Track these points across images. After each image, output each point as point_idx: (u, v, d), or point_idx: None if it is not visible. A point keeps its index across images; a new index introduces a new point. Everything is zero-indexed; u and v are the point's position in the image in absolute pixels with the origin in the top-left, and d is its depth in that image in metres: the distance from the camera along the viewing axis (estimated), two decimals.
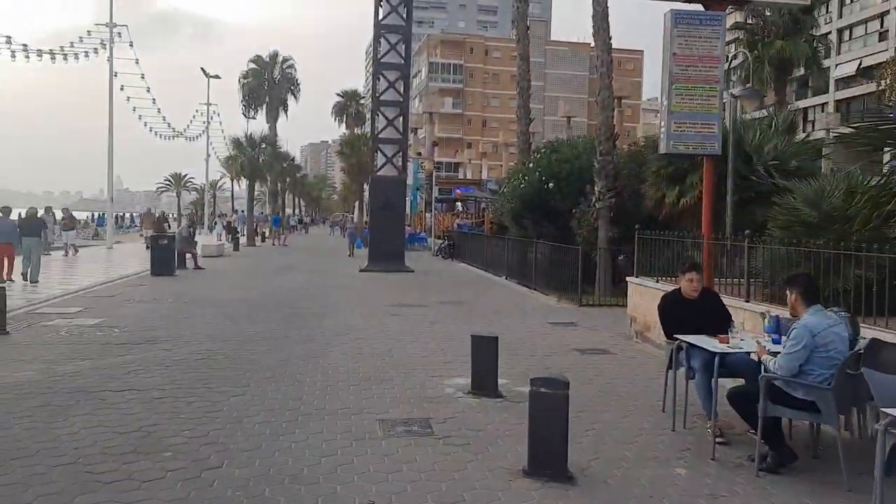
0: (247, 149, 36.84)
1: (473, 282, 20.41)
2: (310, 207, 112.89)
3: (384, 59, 22.61)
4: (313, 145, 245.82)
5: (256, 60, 47.39)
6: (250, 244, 37.62)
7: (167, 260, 19.75)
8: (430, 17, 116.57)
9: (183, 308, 13.27)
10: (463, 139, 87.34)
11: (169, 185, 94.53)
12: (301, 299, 14.96)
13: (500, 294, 17.16)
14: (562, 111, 44.26)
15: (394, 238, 22.67)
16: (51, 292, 15.07)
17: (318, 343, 9.95)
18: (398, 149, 22.94)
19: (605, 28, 18.48)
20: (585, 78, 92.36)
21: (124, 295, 15.02)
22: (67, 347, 9.35)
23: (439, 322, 12.12)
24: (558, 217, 20.25)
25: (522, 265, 19.97)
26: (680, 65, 10.28)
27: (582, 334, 11.22)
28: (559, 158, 21.24)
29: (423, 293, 16.65)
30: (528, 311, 13.84)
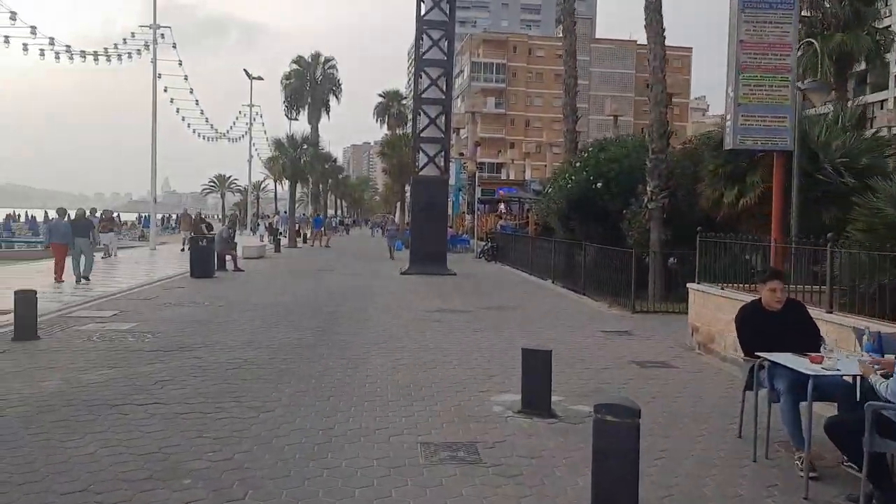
0: (288, 149, 36.68)
1: (518, 286, 19.70)
2: (351, 209, 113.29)
3: (426, 55, 22.03)
4: (355, 147, 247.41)
5: (298, 61, 47.31)
6: (292, 245, 37.45)
7: (206, 262, 19.49)
8: (472, 17, 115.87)
9: (219, 312, 12.86)
10: (505, 139, 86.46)
11: (213, 187, 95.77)
12: (340, 303, 14.46)
13: (547, 299, 16.42)
14: (608, 110, 43.19)
15: (436, 240, 22.08)
16: (88, 295, 14.85)
17: (356, 352, 9.38)
18: (440, 148, 22.34)
19: (657, 19, 17.63)
20: (632, 76, 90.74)
21: (161, 298, 14.71)
22: (97, 354, 8.95)
23: (484, 330, 11.46)
24: (607, 218, 19.49)
25: (570, 268, 19.20)
26: (748, 53, 9.46)
27: (638, 344, 10.44)
28: (608, 157, 20.44)
29: (466, 298, 16.01)
30: (578, 318, 13.09)
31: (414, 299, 15.49)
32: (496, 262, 28.12)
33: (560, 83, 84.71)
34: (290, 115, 47.95)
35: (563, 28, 26.56)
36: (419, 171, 22.35)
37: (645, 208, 17.36)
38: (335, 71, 48.58)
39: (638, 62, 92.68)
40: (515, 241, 26.81)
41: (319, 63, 48.20)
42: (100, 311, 12.61)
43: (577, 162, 22.22)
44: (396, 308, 13.94)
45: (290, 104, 47.55)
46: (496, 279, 21.53)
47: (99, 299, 14.30)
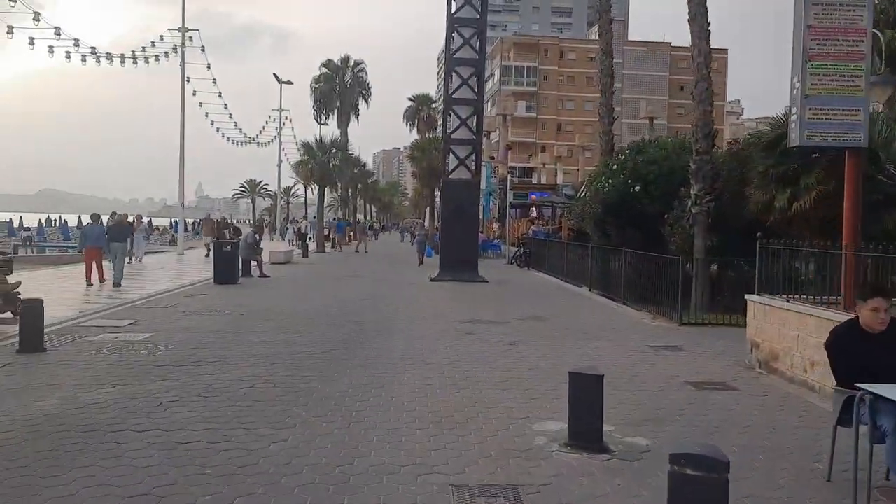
0: (317, 153, 36.15)
1: (553, 294, 18.78)
2: (381, 213, 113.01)
3: (457, 54, 21.24)
4: (386, 152, 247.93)
5: (328, 65, 46.95)
6: (320, 250, 36.91)
7: (230, 268, 18.92)
8: (502, 21, 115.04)
9: (239, 322, 12.18)
10: (536, 143, 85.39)
11: (244, 192, 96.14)
12: (366, 312, 13.70)
13: (586, 309, 15.49)
14: (643, 112, 42.01)
15: (466, 245, 21.25)
16: (108, 302, 14.32)
17: (382, 369, 8.58)
18: (471, 150, 21.52)
19: (702, 13, 16.66)
20: (665, 78, 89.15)
21: (181, 306, 14.11)
22: (103, 369, 8.29)
23: (520, 343, 10.59)
24: (645, 223, 18.55)
25: (608, 276, 18.24)
26: (817, 39, 8.48)
27: (691, 362, 9.49)
28: (646, 159, 19.50)
29: (500, 307, 15.16)
30: (621, 331, 12.15)
31: (444, 308, 14.69)
32: (529, 268, 27.21)
33: (592, 86, 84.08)
34: (319, 119, 47.62)
35: (599, 26, 25.64)
36: (449, 173, 21.55)
37: (688, 212, 16.39)
38: (364, 74, 48.16)
39: (672, 64, 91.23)
40: (549, 246, 25.88)
41: (349, 66, 47.81)
42: (116, 320, 12.01)
43: (613, 164, 21.30)
44: (426, 318, 13.15)
45: (319, 108, 47.22)
46: (530, 286, 20.63)
47: (118, 307, 13.74)
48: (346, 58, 47.69)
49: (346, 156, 42.45)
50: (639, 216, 18.74)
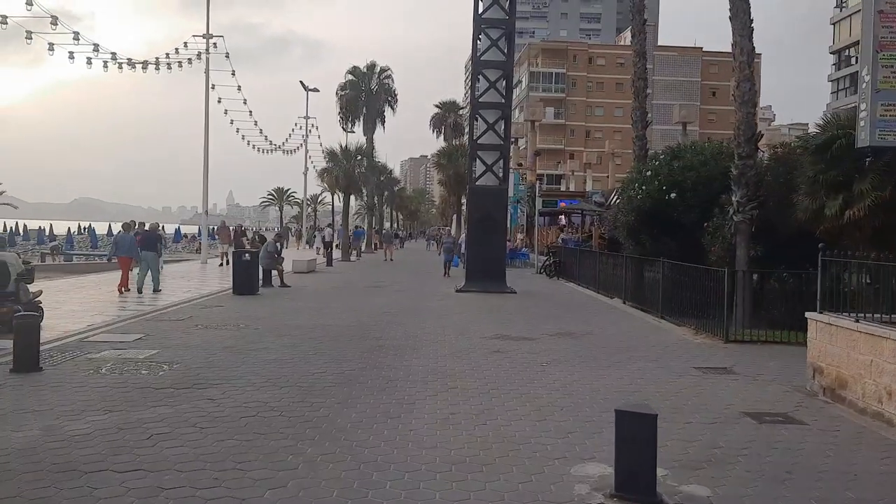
0: (342, 160, 35.56)
1: (586, 306, 17.84)
2: (408, 221, 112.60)
3: (484, 56, 20.42)
4: (413, 160, 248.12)
5: (353, 71, 46.46)
6: (345, 259, 36.27)
7: (249, 278, 18.28)
8: (530, 28, 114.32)
9: (252, 337, 11.46)
10: (565, 150, 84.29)
11: (272, 200, 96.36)
12: (387, 327, 12.92)
13: (622, 323, 14.54)
14: (676, 117, 40.77)
15: (494, 254, 20.39)
16: (119, 314, 13.71)
17: (400, 395, 7.77)
18: (499, 155, 20.66)
19: (744, 9, 15.68)
20: (697, 84, 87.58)
21: (195, 319, 13.45)
22: (98, 393, 7.59)
23: (552, 363, 9.71)
24: (681, 231, 17.60)
25: (644, 287, 17.29)
26: (889, 26, 7.54)
27: (745, 387, 8.53)
28: (682, 166, 18.48)
29: (530, 321, 14.28)
30: (662, 349, 11.20)
31: (470, 323, 13.84)
32: (558, 278, 26.27)
33: (621, 92, 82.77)
34: (345, 126, 47.17)
35: (632, 28, 24.69)
36: (476, 180, 20.72)
37: (730, 221, 15.38)
38: (391, 81, 47.60)
39: (703, 69, 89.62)
40: (580, 255, 24.90)
41: (375, 73, 47.28)
42: (124, 335, 11.36)
43: (647, 171, 20.32)
44: (450, 334, 12.31)
45: (345, 115, 46.74)
46: (560, 298, 19.70)
47: (129, 319, 13.13)
48: (372, 64, 47.19)
49: (372, 163, 41.88)
50: (674, 225, 17.83)
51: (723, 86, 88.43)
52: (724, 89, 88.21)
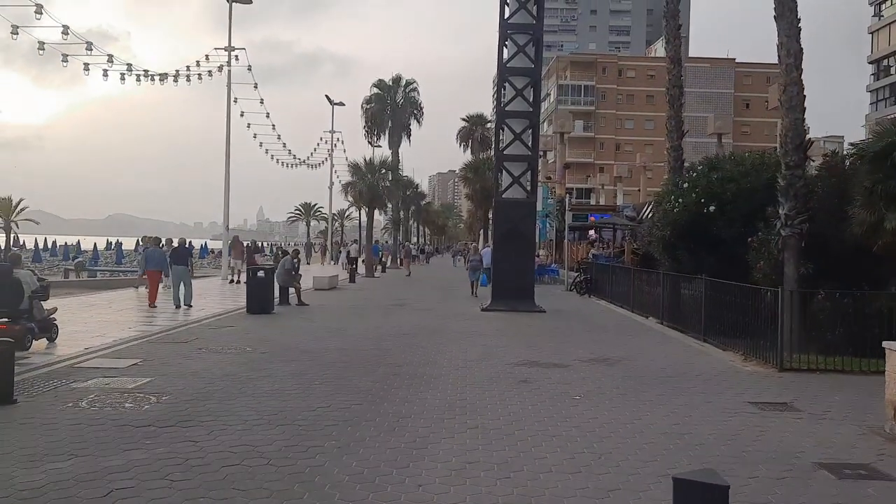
0: (366, 174, 34.79)
1: (621, 327, 16.66)
2: (435, 236, 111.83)
3: (511, 63, 19.43)
4: (441, 175, 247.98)
5: (379, 85, 45.94)
6: (368, 275, 35.41)
7: (264, 296, 17.42)
8: (558, 41, 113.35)
9: (256, 364, 10.53)
10: (594, 164, 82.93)
11: (300, 215, 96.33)
12: (404, 351, 11.91)
13: (661, 347, 13.36)
14: (711, 128, 39.43)
15: (521, 271, 19.28)
16: (121, 336, 12.89)
17: (411, 435, 6.75)
18: (526, 167, 19.58)
19: (791, 7, 14.53)
20: (730, 96, 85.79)
21: (200, 341, 12.58)
22: (69, 431, 6.69)
23: (587, 396, 8.61)
24: (720, 247, 16.50)
25: (683, 307, 16.09)
26: None
27: (812, 429, 7.34)
28: (722, 177, 17.38)
29: (560, 344, 13.16)
30: (709, 379, 10.02)
31: (496, 346, 12.77)
32: (590, 295, 25.07)
33: (652, 105, 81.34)
34: (371, 140, 46.58)
35: (666, 33, 23.56)
36: (502, 192, 19.66)
37: (777, 235, 14.16)
38: (416, 94, 47.02)
39: (737, 81, 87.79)
40: (612, 272, 23.69)
41: (400, 86, 46.74)
42: (119, 360, 10.50)
43: (684, 183, 19.18)
44: (474, 359, 11.25)
45: (370, 129, 46.19)
46: (592, 318, 18.53)
47: (130, 341, 12.29)
48: (398, 77, 46.66)
49: (397, 176, 41.10)
50: (713, 239, 16.72)
51: (756, 97, 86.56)
52: (758, 101, 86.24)
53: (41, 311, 11.44)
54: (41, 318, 11.38)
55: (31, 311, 11.16)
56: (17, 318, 10.84)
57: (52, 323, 11.70)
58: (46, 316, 11.61)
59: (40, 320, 11.33)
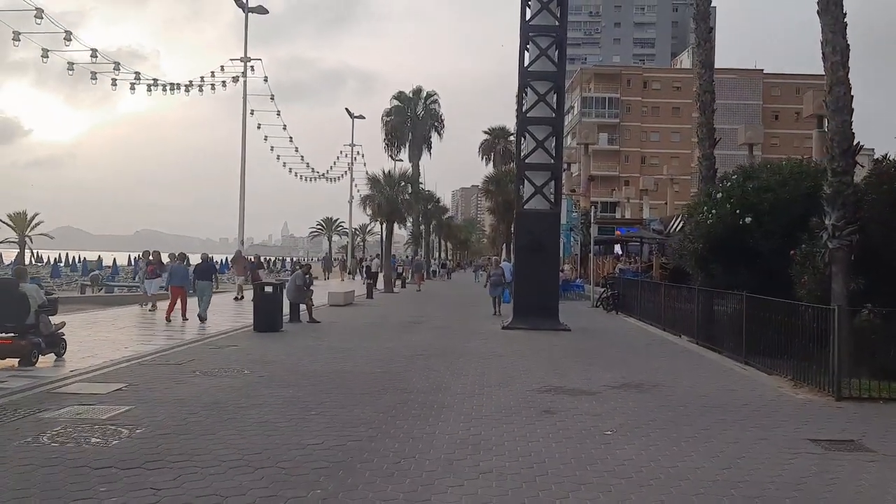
0: (384, 187, 33.92)
1: (651, 347, 15.48)
2: (457, 251, 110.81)
3: (533, 67, 18.41)
4: (464, 189, 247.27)
5: (399, 97, 45.27)
6: (387, 290, 34.43)
7: (272, 313, 16.49)
8: (582, 54, 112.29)
9: (251, 388, 9.55)
10: (619, 177, 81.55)
11: (321, 230, 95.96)
12: (416, 374, 10.86)
13: (699, 370, 12.17)
14: (742, 138, 38.06)
15: (545, 287, 18.15)
16: (114, 357, 12.00)
17: (412, 482, 5.70)
18: (550, 176, 18.49)
19: (837, 2, 13.41)
20: (758, 107, 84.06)
21: (197, 362, 11.64)
22: (16, 472, 5.78)
23: (620, 431, 7.49)
24: (757, 261, 15.38)
25: (720, 325, 14.91)
26: None
27: (891, 474, 6.17)
28: (758, 187, 16.26)
29: (587, 367, 12.03)
30: (759, 409, 8.84)
31: (516, 369, 11.68)
32: (617, 312, 23.84)
33: (678, 117, 79.82)
34: (390, 152, 45.85)
35: (696, 35, 22.40)
36: (524, 204, 18.58)
37: (823, 248, 12.95)
38: (437, 106, 46.28)
39: (765, 92, 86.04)
40: (641, 287, 22.46)
41: (421, 98, 46.02)
42: (102, 385, 9.59)
43: (717, 193, 18.04)
44: (491, 385, 10.17)
45: (390, 142, 45.48)
46: (621, 337, 17.34)
47: (121, 363, 11.38)
48: (418, 89, 45.96)
49: (417, 189, 40.21)
50: (750, 253, 15.60)
51: (785, 109, 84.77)
52: (787, 112, 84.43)
53: (48, 325, 11.18)
54: (48, 332, 11.12)
55: (37, 325, 10.97)
56: (23, 333, 10.73)
57: (61, 338, 11.49)
58: (54, 331, 11.35)
59: (47, 335, 11.09)
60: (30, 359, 10.68)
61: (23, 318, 10.81)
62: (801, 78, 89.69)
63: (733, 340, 13.77)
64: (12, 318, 10.72)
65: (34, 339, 10.82)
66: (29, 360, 10.66)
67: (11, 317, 10.71)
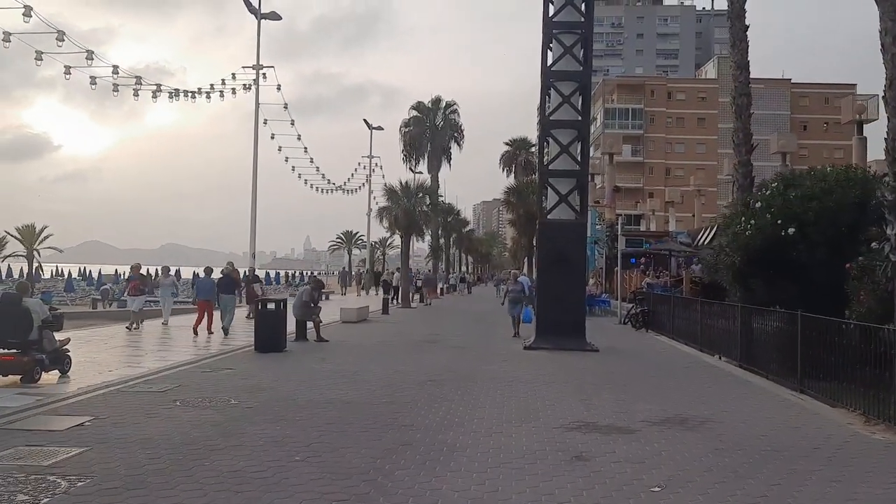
0: (402, 198, 32.70)
1: (691, 371, 13.99)
2: (478, 264, 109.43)
3: (556, 66, 17.08)
4: (486, 203, 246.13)
5: (418, 107, 44.17)
6: (405, 305, 33.14)
7: (274, 332, 15.24)
8: (604, 66, 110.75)
9: (232, 424, 8.25)
10: (643, 189, 79.70)
11: (341, 244, 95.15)
12: (426, 406, 9.51)
13: (750, 400, 10.68)
14: (775, 147, 36.36)
15: (570, 303, 16.71)
16: (91, 383, 10.77)
17: None
18: (575, 183, 17.09)
19: None
20: (787, 118, 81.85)
21: (182, 389, 10.39)
22: None
23: (672, 486, 6.06)
24: (803, 275, 13.99)
25: (767, 347, 13.41)
26: None
27: None
28: (802, 195, 14.85)
29: (621, 396, 10.58)
30: (833, 455, 7.35)
31: (540, 398, 10.28)
32: (647, 329, 22.32)
33: (703, 128, 77.98)
34: (409, 165, 44.73)
35: (731, 34, 21.01)
36: (547, 213, 17.19)
37: (885, 260, 11.49)
38: (457, 116, 45.14)
39: (793, 102, 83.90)
40: (673, 304, 20.92)
41: (440, 108, 44.88)
42: (63, 418, 8.36)
43: (756, 202, 16.64)
44: (511, 420, 8.78)
45: (408, 153, 44.37)
46: (654, 358, 15.85)
47: (96, 391, 10.16)
48: (437, 99, 44.87)
49: (436, 201, 38.95)
50: (793, 266, 14.24)
51: (814, 119, 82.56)
52: (816, 123, 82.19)
53: (52, 341, 10.97)
54: (52, 349, 10.91)
55: (40, 341, 10.74)
56: (26, 349, 10.57)
57: (65, 354, 11.25)
58: (58, 346, 11.13)
59: (51, 351, 10.87)
60: (32, 375, 10.45)
61: (25, 333, 10.57)
62: (830, 87, 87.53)
63: (783, 364, 12.32)
64: (15, 333, 10.52)
65: (37, 356, 10.60)
66: (31, 377, 10.43)
67: (14, 332, 10.52)
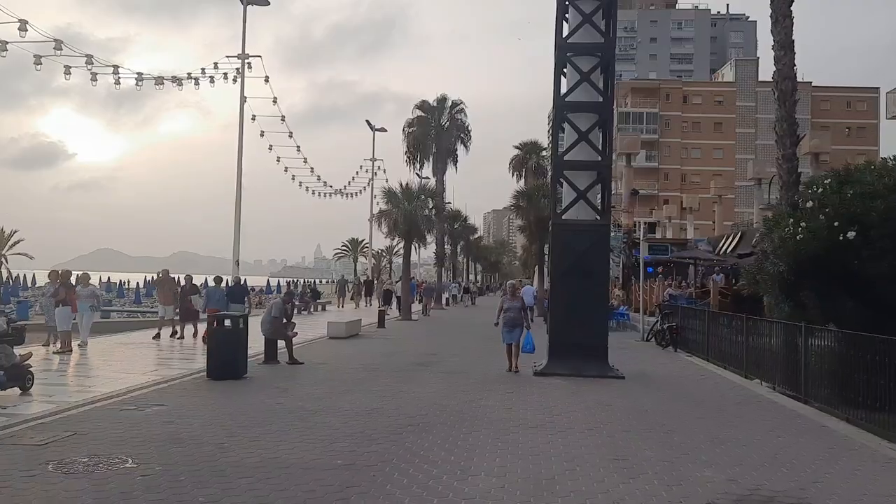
0: (402, 201, 30.03)
1: (744, 408, 11.18)
2: (487, 273, 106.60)
3: (573, 38, 14.35)
4: (496, 212, 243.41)
5: (422, 106, 41.60)
6: (405, 318, 30.42)
7: (231, 355, 12.53)
8: (617, 70, 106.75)
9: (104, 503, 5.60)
10: (658, 195, 76.87)
11: (346, 251, 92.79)
12: (396, 471, 6.80)
13: (842, 462, 7.87)
14: (806, 147, 33.68)
15: (589, 321, 13.93)
16: None
17: None
18: (596, 177, 14.31)
19: None
20: (807, 121, 78.85)
21: (71, 441, 7.74)
22: None
23: None
24: (868, 287, 11.59)
25: (843, 380, 10.65)
26: None
27: None
28: (861, 193, 12.24)
29: (667, 453, 7.82)
30: None
31: (556, 459, 7.53)
32: (675, 348, 19.53)
33: (720, 132, 74.91)
34: (412, 166, 42.13)
35: (773, 9, 18.25)
36: (562, 213, 14.42)
37: None
38: (464, 116, 42.53)
39: (813, 106, 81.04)
40: (708, 319, 18.10)
41: (445, 108, 42.27)
42: None
43: (807, 202, 13.98)
44: (512, 498, 6.06)
45: (412, 155, 41.76)
46: (695, 390, 13.04)
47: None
48: (443, 98, 42.29)
49: (441, 205, 36.28)
50: (854, 276, 11.72)
51: (835, 123, 79.65)
52: (838, 126, 79.22)
53: (10, 357, 10.49)
54: (10, 364, 10.39)
55: None
56: None
57: (27, 370, 10.71)
58: (18, 362, 10.61)
59: (9, 367, 10.35)
60: None
61: None
62: (852, 91, 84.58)
63: (875, 406, 9.55)
64: None
65: None
66: None
67: None
